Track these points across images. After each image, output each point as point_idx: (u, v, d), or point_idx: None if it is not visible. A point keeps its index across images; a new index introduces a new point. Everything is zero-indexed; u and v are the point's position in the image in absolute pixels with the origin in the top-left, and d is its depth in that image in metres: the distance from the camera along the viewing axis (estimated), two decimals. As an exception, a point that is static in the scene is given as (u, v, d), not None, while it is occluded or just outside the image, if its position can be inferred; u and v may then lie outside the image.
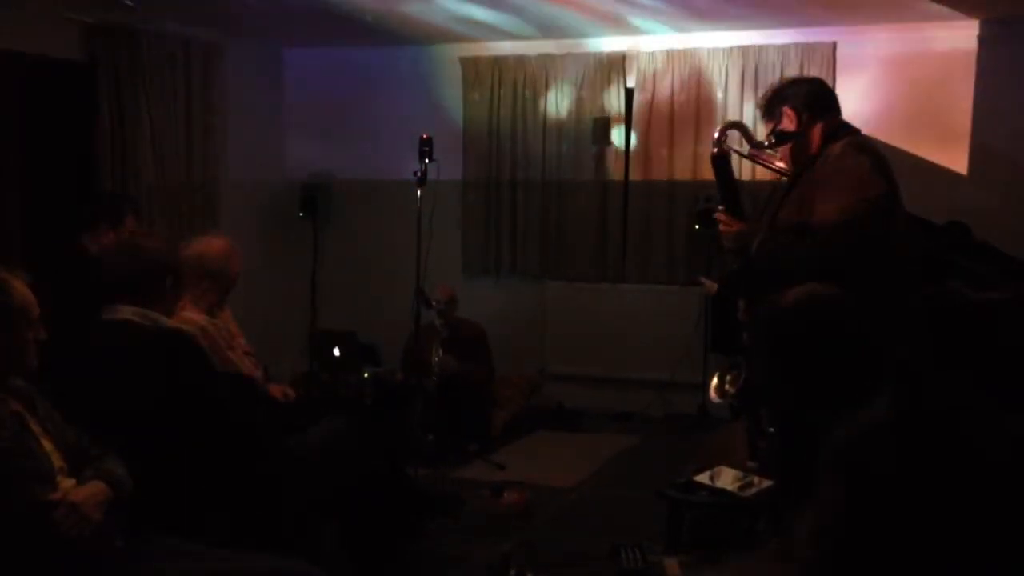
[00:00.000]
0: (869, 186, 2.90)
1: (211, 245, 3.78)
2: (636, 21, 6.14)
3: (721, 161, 3.16)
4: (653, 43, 6.60)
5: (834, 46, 6.23)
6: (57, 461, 2.32)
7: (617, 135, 6.74)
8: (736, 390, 3.22)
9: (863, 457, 1.76)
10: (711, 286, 5.65)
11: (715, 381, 3.31)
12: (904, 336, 1.86)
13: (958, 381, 1.79)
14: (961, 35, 5.99)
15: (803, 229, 2.94)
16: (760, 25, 6.22)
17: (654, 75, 6.61)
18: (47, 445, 2.31)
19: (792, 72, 6.19)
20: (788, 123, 3.08)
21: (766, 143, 3.18)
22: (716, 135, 3.18)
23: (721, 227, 3.14)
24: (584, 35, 6.66)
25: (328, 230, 7.41)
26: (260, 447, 3.06)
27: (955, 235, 5.36)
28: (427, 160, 5.02)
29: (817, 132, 3.05)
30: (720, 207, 3.19)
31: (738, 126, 3.24)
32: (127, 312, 2.84)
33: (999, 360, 1.81)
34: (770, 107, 3.16)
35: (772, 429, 3.17)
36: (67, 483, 2.29)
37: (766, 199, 3.35)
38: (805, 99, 3.09)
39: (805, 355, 2.00)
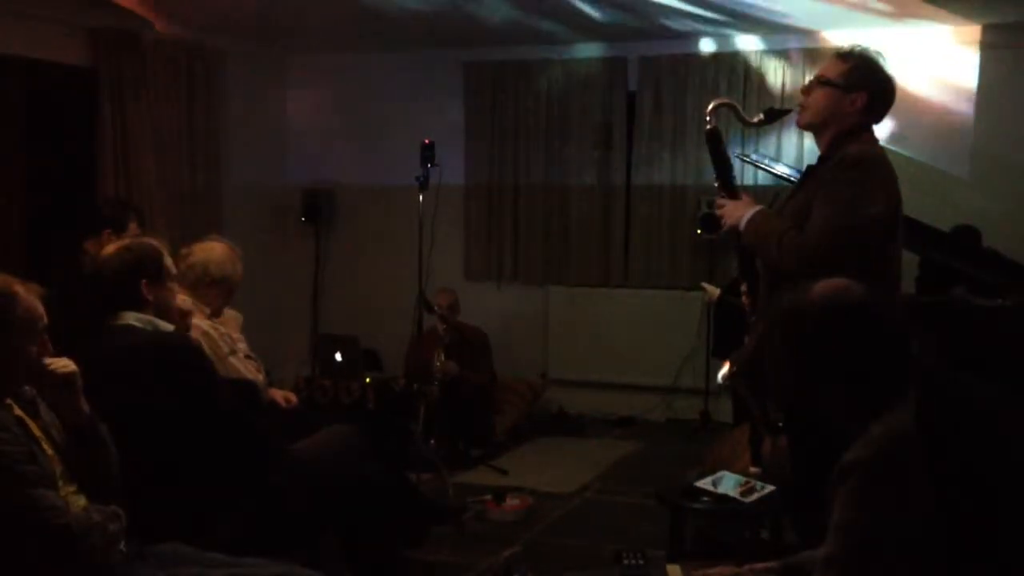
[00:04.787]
0: (869, 202, 2.82)
1: (213, 250, 3.80)
2: (639, 25, 6.15)
3: (714, 137, 3.16)
4: (654, 48, 6.60)
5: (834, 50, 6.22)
6: (58, 466, 2.32)
7: (619, 139, 6.74)
8: (739, 371, 3.20)
9: (890, 464, 1.72)
10: (713, 291, 5.66)
11: (725, 369, 3.29)
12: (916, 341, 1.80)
13: (982, 385, 1.75)
14: (963, 39, 6.00)
15: (801, 225, 2.91)
16: (761, 29, 6.22)
17: (656, 79, 6.61)
18: (49, 450, 2.31)
19: (793, 76, 6.19)
20: (848, 105, 3.02)
21: (755, 121, 3.20)
22: (708, 112, 3.18)
23: (717, 202, 3.13)
24: (586, 39, 6.66)
25: (330, 235, 7.42)
26: (262, 452, 3.06)
27: (963, 241, 5.33)
28: (429, 165, 5.02)
29: (854, 115, 2.97)
30: (716, 183, 3.19)
31: (730, 105, 3.24)
32: (129, 317, 2.91)
33: (1002, 364, 1.80)
34: (853, 75, 3.04)
35: (781, 424, 3.15)
36: (68, 487, 2.30)
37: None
38: (877, 101, 3.06)
39: (831, 355, 1.87)
